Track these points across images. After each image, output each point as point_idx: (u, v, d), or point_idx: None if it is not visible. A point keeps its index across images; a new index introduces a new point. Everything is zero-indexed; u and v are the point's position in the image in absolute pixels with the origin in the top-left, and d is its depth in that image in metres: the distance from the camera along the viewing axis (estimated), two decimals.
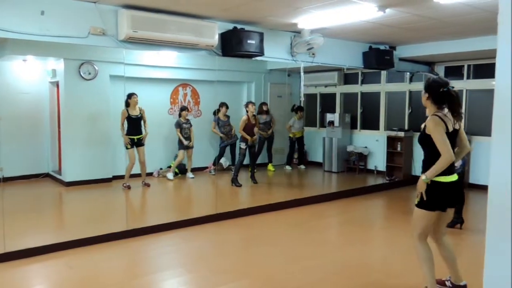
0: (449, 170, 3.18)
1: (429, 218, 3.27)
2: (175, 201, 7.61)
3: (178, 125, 8.47)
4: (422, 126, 3.31)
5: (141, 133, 7.51)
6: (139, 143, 7.48)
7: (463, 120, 8.31)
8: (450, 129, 3.17)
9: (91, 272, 4.13)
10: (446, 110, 3.22)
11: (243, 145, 7.85)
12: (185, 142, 8.40)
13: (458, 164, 3.93)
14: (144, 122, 7.56)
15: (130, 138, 7.35)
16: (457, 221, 5.39)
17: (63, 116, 7.87)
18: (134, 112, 7.42)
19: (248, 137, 7.78)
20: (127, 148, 7.38)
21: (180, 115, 8.53)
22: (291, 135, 9.73)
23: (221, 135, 8.81)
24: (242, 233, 5.56)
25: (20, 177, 7.94)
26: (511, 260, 1.96)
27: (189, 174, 8.65)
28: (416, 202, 3.30)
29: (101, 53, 7.59)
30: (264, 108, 9.13)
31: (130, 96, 7.37)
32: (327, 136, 9.77)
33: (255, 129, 7.97)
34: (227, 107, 8.85)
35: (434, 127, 3.13)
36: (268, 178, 9.17)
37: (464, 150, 3.35)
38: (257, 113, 9.09)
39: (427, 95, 3.25)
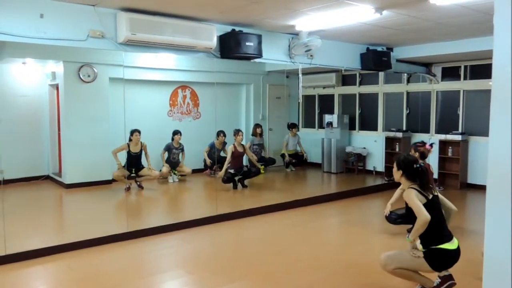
0: (447, 237, 3.24)
1: (421, 267, 3.27)
2: (175, 203, 7.63)
3: (168, 148, 8.35)
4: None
5: (139, 167, 7.59)
6: (136, 173, 7.57)
7: (460, 121, 8.39)
8: (430, 196, 3.25)
9: (92, 274, 4.15)
10: None
11: (232, 170, 7.70)
12: (165, 169, 8.21)
13: None
14: (146, 156, 7.67)
15: (127, 169, 7.43)
16: None
17: (63, 119, 7.89)
18: (135, 149, 7.52)
19: (231, 169, 7.66)
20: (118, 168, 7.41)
21: (172, 139, 8.38)
22: (284, 152, 9.64)
23: (208, 161, 8.70)
24: (242, 234, 5.58)
25: (20, 179, 7.96)
26: (510, 261, 1.98)
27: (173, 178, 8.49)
28: (422, 255, 3.25)
29: (100, 56, 7.61)
30: (258, 130, 9.18)
31: (132, 133, 7.45)
32: (326, 137, 9.80)
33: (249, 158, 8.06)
34: (224, 135, 8.66)
35: (408, 196, 3.25)
36: (268, 179, 9.19)
37: (451, 212, 3.41)
38: (251, 134, 9.17)
39: (401, 172, 3.35)
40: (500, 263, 2.02)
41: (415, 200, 3.19)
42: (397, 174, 3.40)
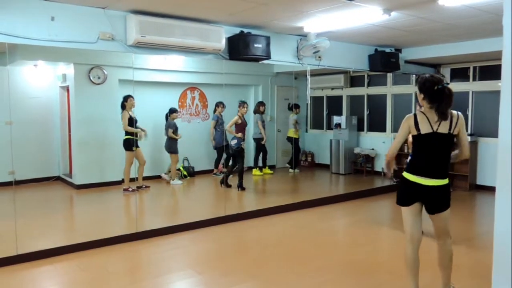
0: (414, 169, 3.27)
1: (403, 213, 3.35)
2: (184, 204, 7.67)
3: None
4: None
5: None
6: (137, 145, 7.49)
7: (469, 122, 8.33)
8: (425, 131, 3.14)
9: (102, 274, 4.19)
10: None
11: (243, 145, 7.72)
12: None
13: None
14: None
15: (134, 140, 7.34)
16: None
17: (73, 120, 7.99)
18: (132, 114, 7.42)
19: (239, 135, 7.57)
20: (132, 150, 7.33)
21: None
22: (294, 136, 9.53)
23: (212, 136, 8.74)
24: (251, 235, 5.60)
25: (31, 180, 8.05)
26: None
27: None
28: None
29: (110, 58, 7.69)
30: (261, 109, 9.06)
31: (126, 98, 7.30)
32: (334, 138, 9.79)
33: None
34: (224, 106, 8.75)
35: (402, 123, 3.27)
36: (276, 180, 9.20)
37: (461, 154, 3.25)
38: (254, 111, 9.11)
39: (422, 95, 3.17)
40: (509, 264, 2.02)
41: (400, 130, 3.29)
42: (419, 97, 3.22)
